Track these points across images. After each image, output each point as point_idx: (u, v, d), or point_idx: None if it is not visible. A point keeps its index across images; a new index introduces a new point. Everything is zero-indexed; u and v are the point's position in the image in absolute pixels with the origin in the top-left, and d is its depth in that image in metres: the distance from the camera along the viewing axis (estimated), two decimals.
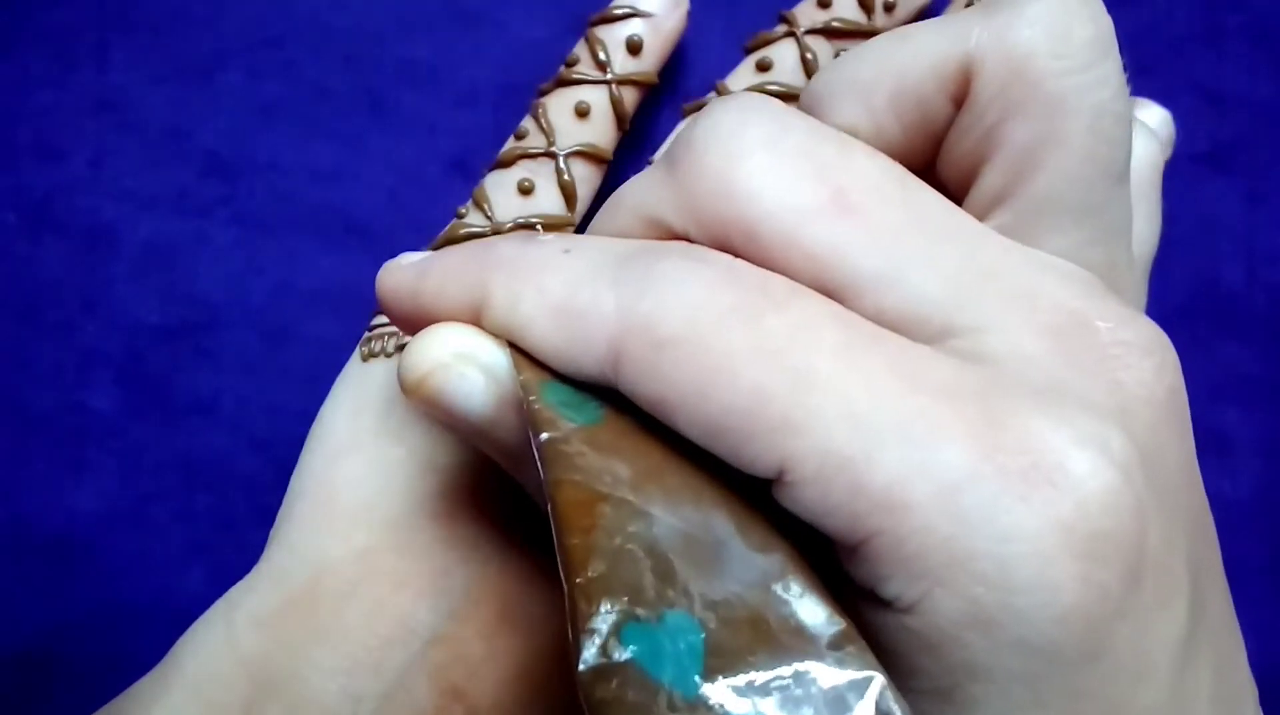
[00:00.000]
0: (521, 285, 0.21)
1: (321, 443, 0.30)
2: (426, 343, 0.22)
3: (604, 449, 0.20)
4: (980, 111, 0.22)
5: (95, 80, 0.35)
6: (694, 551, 0.19)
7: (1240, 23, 0.36)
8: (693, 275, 0.20)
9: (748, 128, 0.21)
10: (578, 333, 0.20)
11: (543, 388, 0.21)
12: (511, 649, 0.27)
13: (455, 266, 0.23)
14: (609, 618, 0.17)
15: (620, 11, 0.33)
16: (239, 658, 0.27)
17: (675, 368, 0.19)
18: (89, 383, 0.35)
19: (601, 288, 0.20)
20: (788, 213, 0.21)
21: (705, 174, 0.21)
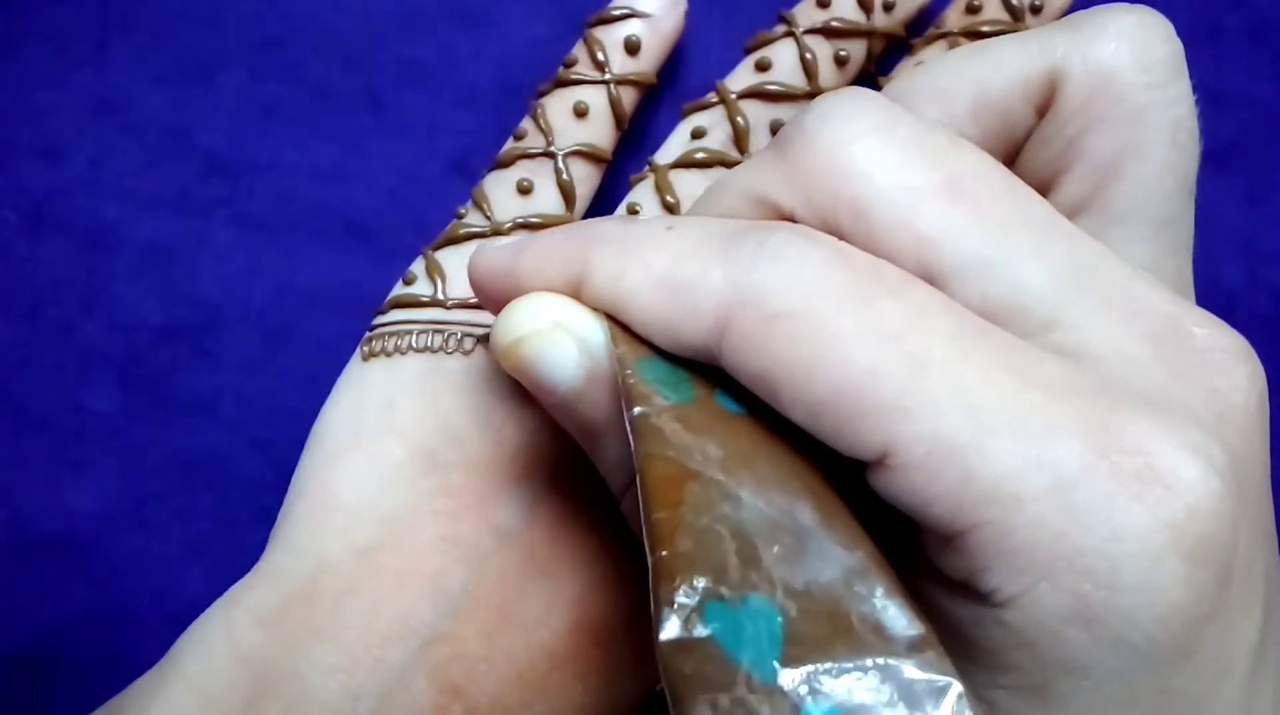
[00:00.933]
0: (626, 260, 0.22)
1: (322, 442, 0.30)
2: (523, 308, 0.23)
3: (696, 428, 0.20)
4: (1064, 122, 0.23)
5: (95, 80, 0.35)
6: (778, 538, 0.19)
7: (1239, 22, 0.36)
8: (804, 253, 0.20)
9: (862, 114, 0.22)
10: (684, 305, 0.21)
11: (639, 363, 0.21)
12: (511, 648, 0.27)
13: (554, 243, 0.24)
14: (693, 593, 0.18)
15: (618, 12, 0.33)
16: (239, 655, 0.27)
17: (786, 342, 0.19)
18: (89, 382, 0.35)
19: (709, 261, 0.21)
20: (900, 194, 0.21)
21: (819, 154, 0.22)
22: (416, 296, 0.31)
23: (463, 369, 0.30)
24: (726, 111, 0.32)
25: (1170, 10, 0.36)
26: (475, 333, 0.30)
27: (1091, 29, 0.23)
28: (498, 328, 0.23)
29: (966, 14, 0.33)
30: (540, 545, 0.29)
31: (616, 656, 0.28)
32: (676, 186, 0.32)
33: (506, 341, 0.23)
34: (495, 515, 0.29)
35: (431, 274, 0.32)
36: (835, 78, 0.33)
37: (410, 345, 0.31)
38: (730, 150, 0.32)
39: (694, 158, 0.32)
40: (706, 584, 0.18)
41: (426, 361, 0.30)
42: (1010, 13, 0.33)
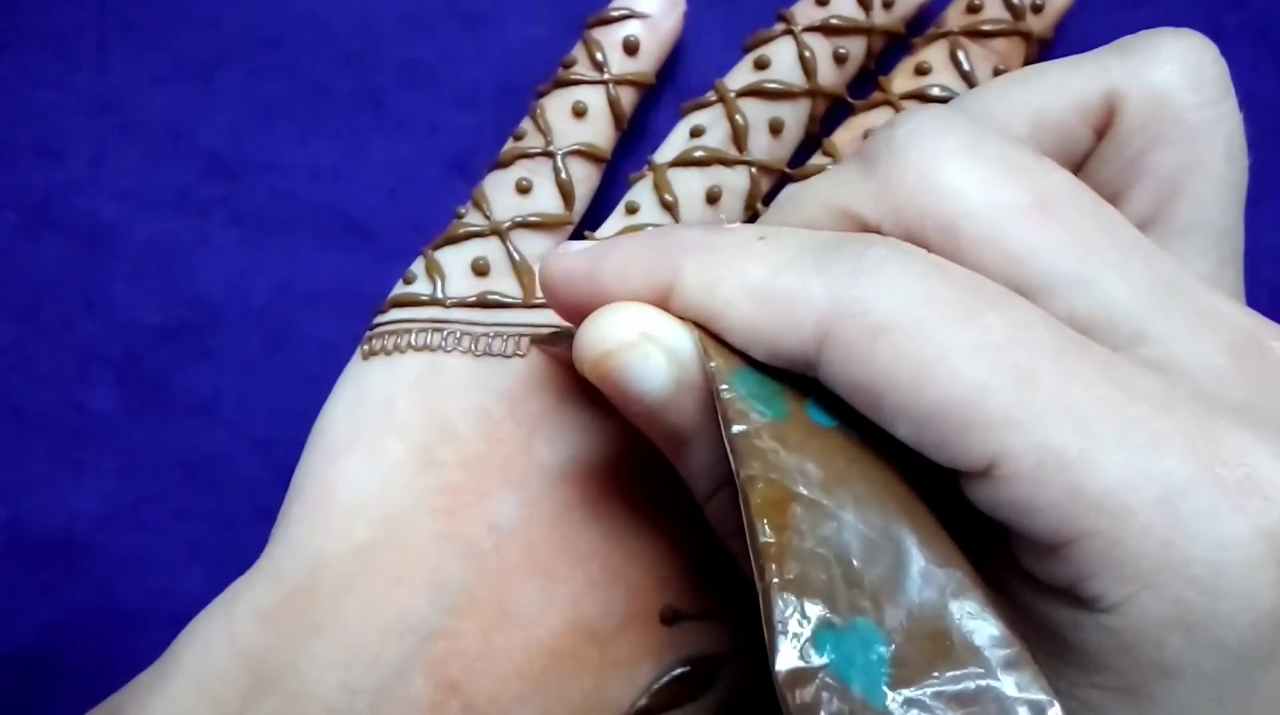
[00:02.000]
0: (719, 269, 0.22)
1: (322, 440, 0.31)
2: (611, 320, 0.23)
3: (793, 447, 0.20)
4: (1124, 141, 0.25)
5: (95, 80, 0.35)
6: (879, 559, 0.19)
7: (1239, 21, 0.36)
8: (905, 266, 0.20)
9: (951, 132, 0.23)
10: (783, 315, 0.21)
11: (733, 376, 0.21)
12: (508, 645, 0.28)
13: (638, 249, 0.24)
14: (808, 621, 0.18)
15: (617, 13, 0.34)
16: (238, 651, 0.28)
17: (892, 354, 0.20)
18: (88, 382, 0.35)
19: (808, 273, 0.21)
20: (990, 211, 0.22)
21: (909, 170, 0.23)
22: (416, 295, 0.32)
23: (462, 367, 0.31)
24: (725, 110, 0.32)
25: (1171, 9, 0.36)
26: (524, 332, 0.31)
27: (1145, 53, 0.25)
28: (584, 339, 0.23)
29: (967, 13, 0.33)
30: (537, 543, 0.29)
31: (612, 654, 0.28)
32: (675, 185, 0.32)
33: (595, 353, 0.23)
34: (492, 513, 0.29)
35: (431, 273, 0.32)
36: (834, 76, 0.33)
37: (409, 344, 0.31)
38: (729, 148, 0.32)
39: (692, 156, 0.32)
40: (819, 611, 0.18)
41: (425, 360, 0.31)
42: (1011, 11, 0.33)
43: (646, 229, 0.29)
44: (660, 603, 0.29)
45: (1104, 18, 0.36)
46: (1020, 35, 0.33)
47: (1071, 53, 0.35)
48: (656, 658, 0.28)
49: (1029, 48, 0.33)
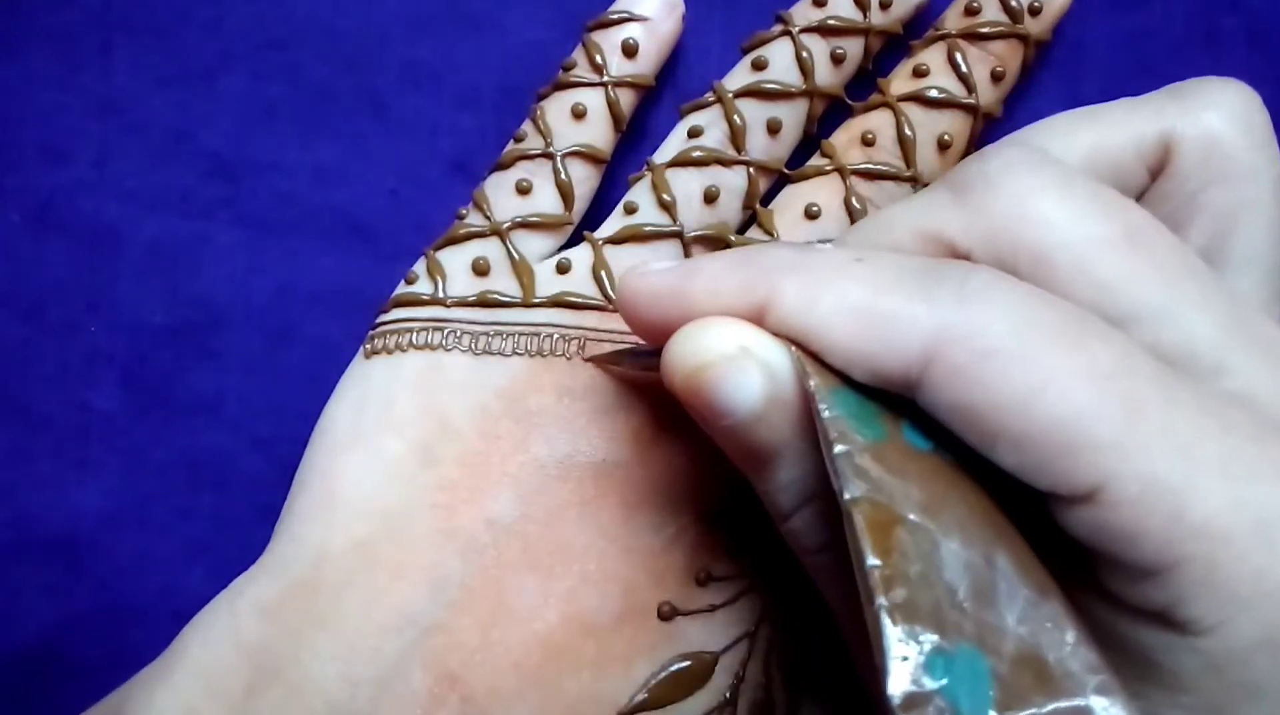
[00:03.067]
0: (817, 288, 0.22)
1: (325, 438, 0.31)
2: (708, 333, 0.23)
3: (894, 469, 0.20)
4: (1182, 179, 0.26)
5: (99, 82, 0.36)
6: (981, 585, 0.20)
7: (1236, 25, 0.36)
8: (1010, 292, 0.21)
9: (1042, 167, 0.24)
10: (888, 335, 0.21)
11: (832, 396, 0.22)
12: (506, 639, 0.28)
13: (729, 267, 0.24)
14: (920, 646, 0.18)
15: (616, 16, 0.34)
16: (241, 644, 0.28)
17: (999, 377, 0.20)
18: (93, 382, 0.35)
19: (912, 295, 0.21)
20: (1082, 242, 0.23)
21: (1003, 199, 0.24)
22: (417, 295, 0.32)
23: (462, 365, 0.31)
24: (723, 110, 0.33)
25: (1169, 12, 0.36)
26: (523, 331, 0.31)
27: (1198, 99, 0.26)
28: (679, 351, 0.23)
29: (965, 16, 0.33)
30: (534, 539, 0.29)
31: (609, 649, 0.29)
32: (672, 185, 0.32)
33: (690, 366, 0.23)
34: (490, 509, 0.29)
35: (432, 273, 0.32)
36: (832, 76, 0.33)
37: (410, 343, 0.31)
38: (727, 148, 0.33)
39: (690, 156, 0.32)
40: (930, 636, 0.18)
41: (426, 358, 0.31)
42: (1009, 14, 0.33)
43: (734, 250, 0.29)
44: (657, 599, 0.29)
45: (1101, 21, 0.36)
46: (1018, 38, 0.33)
47: (1069, 55, 0.36)
48: (653, 653, 0.29)
49: (1027, 50, 0.33)
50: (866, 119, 0.33)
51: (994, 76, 0.33)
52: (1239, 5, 0.36)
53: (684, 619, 0.29)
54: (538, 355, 0.31)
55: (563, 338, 0.31)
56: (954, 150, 0.33)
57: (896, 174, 0.32)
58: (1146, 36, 0.36)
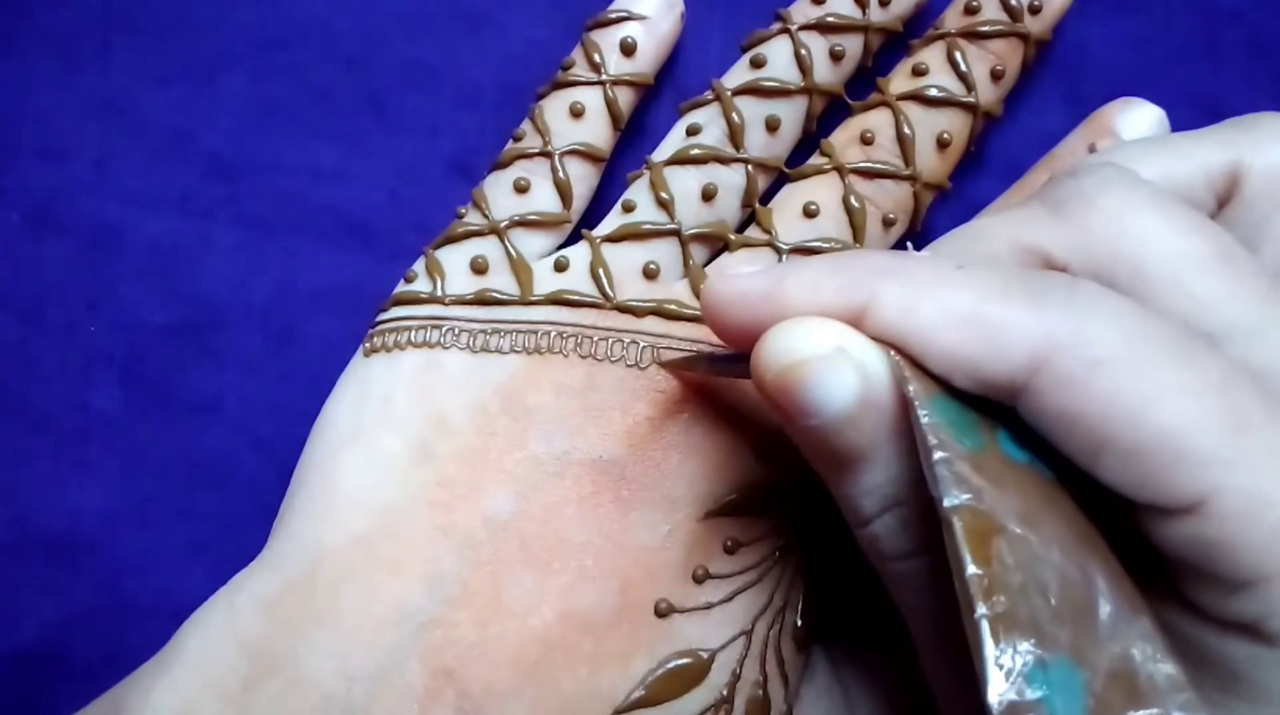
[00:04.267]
0: (920, 294, 0.23)
1: (323, 435, 0.32)
2: (804, 331, 0.23)
3: (992, 479, 0.21)
4: (1250, 206, 0.27)
5: (99, 82, 0.36)
6: (1075, 598, 0.20)
7: (1236, 38, 0.36)
8: (1118, 304, 0.22)
9: (1137, 185, 0.25)
10: (993, 342, 0.22)
11: (931, 402, 0.22)
12: (503, 635, 0.28)
13: (824, 271, 0.24)
14: (1021, 656, 0.19)
15: (615, 15, 0.34)
16: (239, 638, 0.29)
17: (1110, 386, 0.20)
18: (92, 382, 0.35)
19: (1019, 302, 0.22)
20: (1179, 258, 0.23)
21: (1101, 214, 0.24)
22: (416, 293, 0.32)
23: (460, 363, 0.31)
24: (721, 108, 0.33)
25: (1169, 21, 0.36)
26: (521, 329, 0.31)
27: (1264, 131, 0.27)
28: (773, 347, 0.23)
29: (965, 15, 0.34)
30: (531, 535, 0.29)
31: (606, 646, 0.29)
32: (670, 183, 0.32)
33: (783, 362, 0.23)
34: (487, 505, 0.30)
35: (431, 272, 0.33)
36: (831, 73, 0.34)
37: (409, 340, 0.32)
38: (725, 146, 0.33)
39: (688, 154, 0.33)
40: (1031, 646, 0.19)
41: (424, 356, 0.31)
42: (1009, 13, 0.33)
43: (828, 253, 0.30)
44: (654, 596, 0.29)
45: (1102, 22, 0.36)
46: (1018, 36, 0.33)
47: (1070, 55, 0.36)
48: (650, 650, 0.29)
49: (1027, 49, 0.33)
50: (865, 118, 0.33)
51: (994, 75, 0.33)
52: (1238, 18, 0.36)
53: (681, 616, 0.29)
54: (535, 353, 0.31)
55: (560, 335, 0.31)
56: (953, 149, 0.33)
57: (895, 172, 0.32)
58: (1147, 44, 0.36)
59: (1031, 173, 0.33)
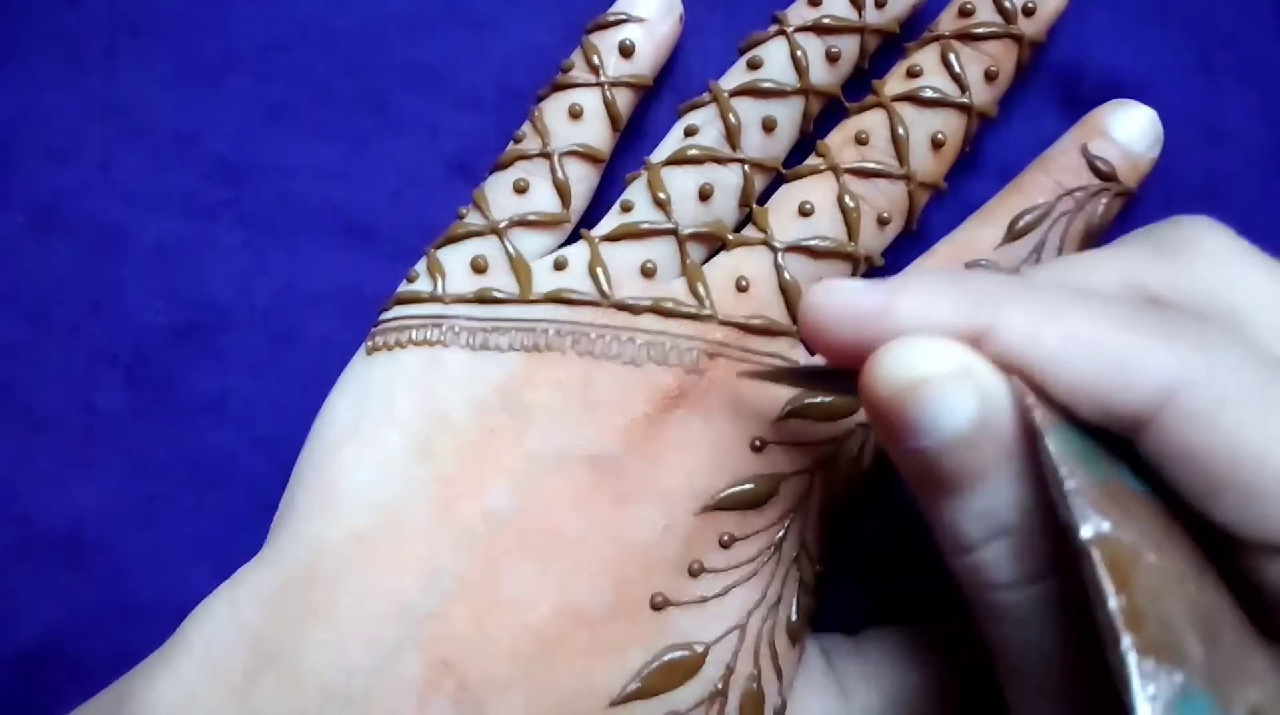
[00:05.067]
0: (1047, 320, 0.23)
1: (324, 432, 0.32)
2: (926, 349, 0.23)
3: (1124, 509, 0.21)
4: None
5: (103, 84, 0.36)
6: (1208, 630, 0.20)
7: (1230, 60, 0.36)
8: (1245, 346, 0.22)
9: (1238, 238, 0.25)
10: (1123, 371, 0.22)
11: (1056, 431, 0.22)
12: (501, 628, 0.29)
13: (943, 290, 0.24)
14: (1170, 684, 0.19)
15: (614, 17, 0.35)
16: (241, 631, 0.29)
17: (1237, 425, 0.21)
18: (97, 382, 0.36)
19: (1150, 334, 0.22)
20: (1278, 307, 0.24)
21: (1205, 260, 0.25)
22: (417, 293, 0.33)
23: (460, 361, 0.32)
24: (718, 109, 0.33)
25: (1165, 38, 0.36)
26: (520, 327, 0.32)
27: None
28: (890, 362, 0.23)
29: (960, 17, 0.34)
30: (529, 530, 0.30)
31: (602, 639, 0.29)
32: (667, 183, 0.33)
33: (901, 380, 0.23)
34: (486, 501, 0.30)
35: (432, 271, 0.33)
36: (827, 75, 0.34)
37: (410, 339, 0.32)
38: (723, 147, 0.33)
39: (686, 154, 0.33)
40: (1178, 675, 0.19)
41: (425, 354, 0.32)
42: (1003, 15, 0.33)
43: (941, 272, 0.30)
44: (650, 590, 0.29)
45: (1101, 26, 0.36)
46: (1012, 38, 0.33)
47: (1067, 60, 0.36)
48: (646, 643, 0.29)
49: (1021, 51, 0.34)
50: (860, 119, 0.34)
51: (988, 76, 0.33)
52: (1233, 40, 0.37)
53: (676, 610, 0.29)
54: (534, 350, 0.31)
55: (559, 333, 0.31)
56: (948, 149, 0.33)
57: (889, 172, 0.33)
58: (1143, 55, 0.36)
59: (1025, 173, 0.34)
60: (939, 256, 0.33)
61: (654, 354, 0.31)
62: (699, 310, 0.31)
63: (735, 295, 0.32)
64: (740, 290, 0.32)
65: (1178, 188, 0.35)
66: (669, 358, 0.31)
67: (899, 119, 0.33)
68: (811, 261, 0.32)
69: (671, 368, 0.31)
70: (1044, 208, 0.32)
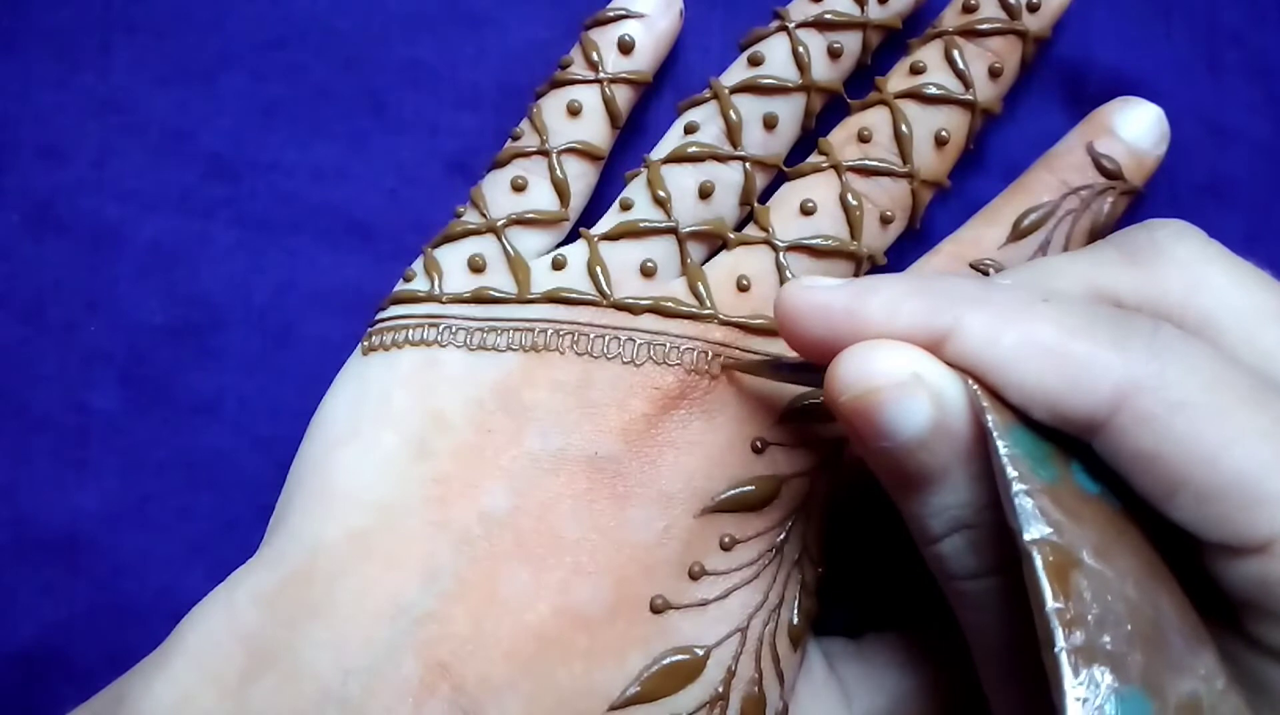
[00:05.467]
0: (1005, 324, 0.24)
1: (321, 432, 0.32)
2: (881, 356, 0.24)
3: (1069, 512, 0.21)
4: None
5: (98, 82, 0.36)
6: (1146, 631, 0.21)
7: (1238, 59, 0.36)
8: (1199, 349, 0.23)
9: (1209, 242, 0.26)
10: (1076, 377, 0.22)
11: (1009, 433, 0.22)
12: (498, 629, 0.29)
13: (907, 292, 0.25)
14: (1098, 687, 0.19)
15: (614, 14, 0.35)
16: (238, 632, 0.29)
17: (1189, 428, 0.21)
18: (92, 382, 0.36)
19: (1103, 340, 0.23)
20: (1249, 312, 0.25)
21: (1174, 265, 0.26)
22: (414, 292, 0.33)
23: (457, 361, 0.31)
24: (719, 106, 0.33)
25: (1170, 36, 0.36)
26: (518, 327, 0.31)
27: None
28: (848, 371, 0.24)
29: (963, 13, 0.34)
30: (527, 531, 0.30)
31: (601, 641, 0.29)
32: (667, 181, 0.33)
33: (858, 388, 0.24)
34: (483, 501, 0.30)
35: (429, 270, 0.33)
36: (829, 71, 0.34)
37: (407, 339, 0.32)
38: (723, 144, 0.33)
39: (686, 152, 0.33)
40: (1107, 677, 0.19)
41: (422, 354, 0.32)
42: (1007, 11, 0.33)
43: (908, 275, 0.31)
44: (649, 592, 0.29)
45: (1104, 26, 0.36)
46: (1016, 34, 0.33)
47: (1072, 57, 0.36)
48: (646, 646, 0.29)
49: (1026, 47, 0.34)
50: (863, 116, 0.34)
51: (992, 73, 0.33)
52: (1241, 40, 0.37)
53: (676, 613, 0.29)
54: (532, 350, 0.31)
55: (557, 333, 0.31)
56: (951, 146, 0.33)
57: (892, 170, 0.32)
58: (1148, 52, 0.36)
59: (1030, 171, 0.34)
60: (943, 255, 0.33)
61: (654, 354, 0.31)
62: (699, 310, 0.31)
63: (736, 294, 0.32)
64: (741, 289, 0.32)
65: (1183, 186, 0.35)
66: (669, 358, 0.31)
67: (902, 116, 0.33)
68: (813, 260, 0.32)
69: (671, 368, 0.31)
70: (1049, 206, 0.32)
